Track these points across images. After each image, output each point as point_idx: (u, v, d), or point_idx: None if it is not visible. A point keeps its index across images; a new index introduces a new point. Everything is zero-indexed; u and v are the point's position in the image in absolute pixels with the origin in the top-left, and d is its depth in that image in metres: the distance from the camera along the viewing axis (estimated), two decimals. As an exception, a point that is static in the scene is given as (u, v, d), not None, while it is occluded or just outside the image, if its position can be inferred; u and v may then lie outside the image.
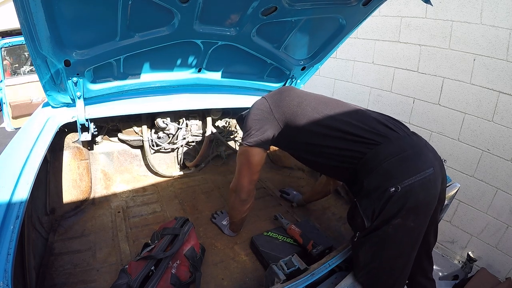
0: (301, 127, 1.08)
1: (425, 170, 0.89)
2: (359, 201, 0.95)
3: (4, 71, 3.87)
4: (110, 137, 1.84)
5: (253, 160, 1.15)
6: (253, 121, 1.14)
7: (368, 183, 0.92)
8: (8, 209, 0.84)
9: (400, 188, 0.86)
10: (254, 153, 1.14)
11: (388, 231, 0.88)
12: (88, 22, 1.10)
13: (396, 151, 0.92)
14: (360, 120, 1.02)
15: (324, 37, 1.55)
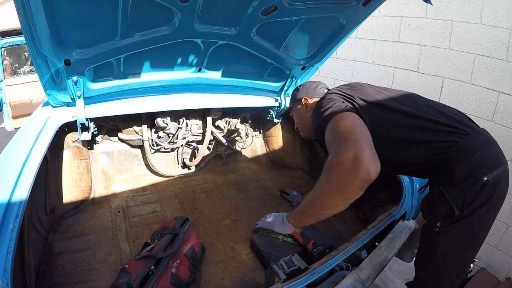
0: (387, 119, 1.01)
1: (505, 164, 0.96)
2: (447, 189, 0.94)
3: (4, 71, 3.87)
4: (110, 136, 1.84)
5: (355, 120, 0.95)
6: (331, 100, 1.03)
7: (460, 172, 0.92)
8: (8, 208, 0.84)
9: (492, 177, 0.90)
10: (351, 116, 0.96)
11: (474, 220, 0.92)
12: (88, 21, 1.10)
13: (484, 142, 0.95)
14: (446, 109, 1.03)
15: (324, 37, 1.55)
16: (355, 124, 0.91)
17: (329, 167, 0.86)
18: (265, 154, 2.31)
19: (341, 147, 0.84)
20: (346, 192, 0.84)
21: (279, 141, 2.24)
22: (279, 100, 1.97)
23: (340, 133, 0.89)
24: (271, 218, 1.18)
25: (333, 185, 0.85)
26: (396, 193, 1.39)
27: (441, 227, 0.96)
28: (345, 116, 0.94)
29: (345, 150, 0.82)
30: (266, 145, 2.33)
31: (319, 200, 0.92)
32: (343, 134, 0.87)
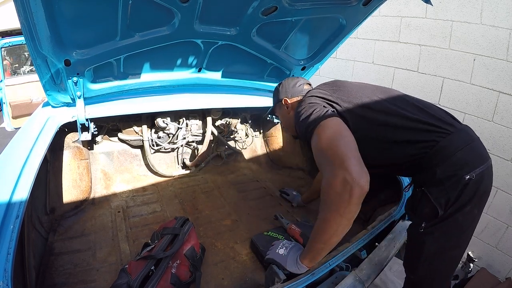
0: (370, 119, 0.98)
1: (488, 160, 0.95)
2: (429, 189, 0.93)
3: (4, 71, 3.87)
4: (110, 137, 1.84)
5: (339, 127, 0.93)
6: (312, 105, 1.00)
7: (442, 172, 0.91)
8: (8, 208, 0.84)
9: (474, 175, 0.89)
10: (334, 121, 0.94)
11: (459, 219, 0.91)
12: (88, 22, 1.10)
13: (466, 140, 0.94)
14: (428, 107, 1.01)
15: (324, 37, 1.55)
16: (338, 133, 0.90)
17: (324, 193, 0.86)
18: (265, 154, 2.31)
19: (329, 170, 0.84)
20: (346, 213, 0.83)
21: (279, 141, 2.24)
22: (279, 100, 1.97)
23: (325, 150, 0.87)
24: (282, 250, 1.03)
25: (332, 211, 0.83)
26: (396, 193, 1.39)
27: (426, 227, 0.95)
28: (327, 125, 0.92)
29: (333, 174, 0.82)
30: (266, 145, 2.33)
31: (325, 230, 0.88)
32: (328, 151, 0.86)
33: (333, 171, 0.82)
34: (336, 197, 0.81)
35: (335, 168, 0.82)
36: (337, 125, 0.93)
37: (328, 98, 1.03)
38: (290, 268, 0.96)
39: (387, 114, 0.98)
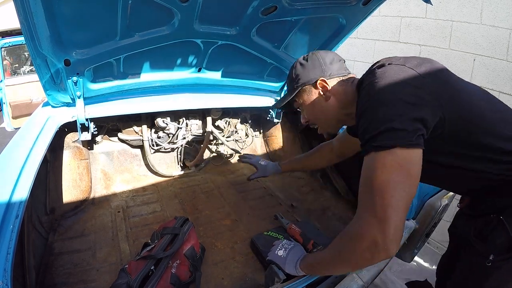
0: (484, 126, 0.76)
1: None
2: (508, 219, 0.78)
3: (4, 71, 3.88)
4: (110, 136, 1.84)
5: (411, 168, 0.66)
6: (405, 105, 0.67)
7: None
8: (7, 208, 0.84)
9: None
10: (415, 158, 0.66)
11: None
12: (88, 22, 1.10)
13: None
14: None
15: (324, 37, 1.55)
16: (404, 179, 0.65)
17: (350, 237, 0.73)
18: (265, 154, 2.31)
19: (366, 215, 0.67)
20: (362, 266, 0.77)
21: (279, 141, 2.24)
22: (279, 100, 1.97)
23: (375, 190, 0.65)
24: (281, 251, 0.97)
25: (351, 259, 0.73)
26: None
27: (494, 261, 0.80)
28: (399, 158, 0.65)
29: (368, 226, 0.66)
30: (266, 145, 2.33)
31: (335, 266, 0.81)
32: (378, 193, 0.65)
33: (368, 222, 0.66)
34: (360, 251, 0.69)
35: (373, 221, 0.65)
36: (411, 167, 0.66)
37: (424, 97, 0.69)
38: (289, 271, 0.93)
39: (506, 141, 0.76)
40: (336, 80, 0.92)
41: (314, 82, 0.92)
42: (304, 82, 0.94)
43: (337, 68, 0.93)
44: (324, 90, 0.92)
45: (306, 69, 0.93)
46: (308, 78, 0.93)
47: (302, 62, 0.95)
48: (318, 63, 0.92)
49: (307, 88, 0.94)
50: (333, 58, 0.94)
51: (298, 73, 0.95)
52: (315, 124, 1.01)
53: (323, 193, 1.85)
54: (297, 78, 0.95)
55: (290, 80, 0.99)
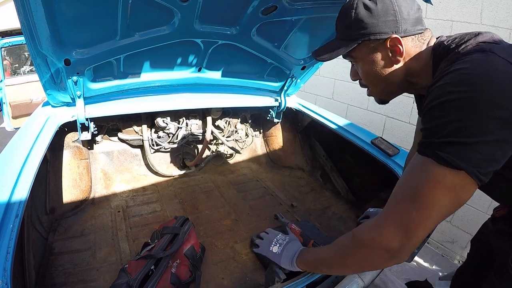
0: None
1: None
2: None
3: (4, 71, 3.87)
4: (110, 136, 1.84)
5: (464, 198, 0.58)
6: (497, 121, 0.52)
7: None
8: (7, 208, 0.84)
9: None
10: (472, 191, 0.57)
11: None
12: (88, 21, 1.10)
13: None
14: None
15: (324, 37, 1.55)
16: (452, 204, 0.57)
17: (361, 241, 0.66)
18: (265, 154, 2.31)
19: (395, 226, 0.60)
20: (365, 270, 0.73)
21: (279, 141, 2.24)
22: (279, 100, 1.97)
23: (419, 205, 0.57)
24: (276, 247, 0.91)
25: (357, 263, 0.68)
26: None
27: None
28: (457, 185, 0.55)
29: (393, 236, 0.60)
30: (266, 145, 2.33)
31: (336, 267, 0.76)
32: (421, 210, 0.57)
33: (392, 232, 0.60)
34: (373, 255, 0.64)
35: (398, 233, 0.59)
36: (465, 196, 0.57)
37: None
38: (284, 266, 0.90)
39: None
40: (410, 39, 0.71)
41: (384, 38, 0.70)
42: (369, 33, 0.70)
43: (414, 21, 0.70)
44: (395, 51, 0.70)
45: (375, 16, 0.69)
46: (377, 30, 0.69)
47: (368, 2, 0.70)
48: (392, 11, 0.68)
49: (373, 43, 0.71)
50: (410, 2, 0.70)
51: (361, 18, 0.70)
52: (367, 86, 0.82)
53: (323, 193, 1.85)
54: (360, 25, 0.71)
55: (348, 24, 0.73)
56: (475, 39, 0.65)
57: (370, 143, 1.49)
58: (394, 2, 0.69)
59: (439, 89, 0.58)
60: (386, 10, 0.68)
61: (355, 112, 2.88)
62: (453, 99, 0.55)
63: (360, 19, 0.70)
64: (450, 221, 2.26)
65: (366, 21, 0.70)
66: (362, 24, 0.70)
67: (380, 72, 0.75)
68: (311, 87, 3.26)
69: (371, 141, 1.49)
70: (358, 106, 2.86)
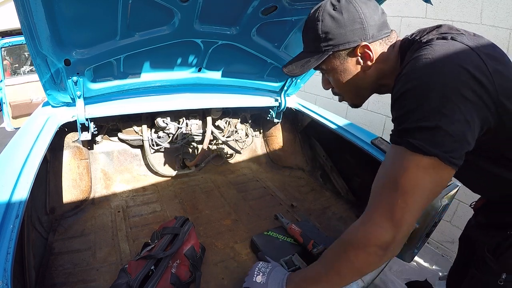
0: None
1: None
2: None
3: (4, 71, 3.88)
4: (110, 136, 1.84)
5: (443, 183, 0.59)
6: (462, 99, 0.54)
7: None
8: (7, 208, 0.84)
9: None
10: (448, 174, 0.58)
11: None
12: (88, 21, 1.10)
13: None
14: None
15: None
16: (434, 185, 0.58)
17: (351, 243, 0.63)
18: (265, 154, 2.31)
19: (383, 218, 0.59)
20: (366, 272, 0.66)
21: (279, 141, 2.24)
22: (279, 100, 1.97)
23: (402, 191, 0.57)
24: (260, 277, 0.83)
25: (353, 268, 0.64)
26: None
27: (508, 281, 0.74)
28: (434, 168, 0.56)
29: (383, 229, 0.58)
30: (266, 145, 2.33)
31: (331, 280, 0.69)
32: (405, 196, 0.57)
33: (381, 225, 0.59)
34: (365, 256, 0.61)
35: (387, 225, 0.58)
36: (444, 179, 0.58)
37: (484, 94, 0.56)
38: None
39: None
40: (378, 43, 0.72)
41: (353, 47, 0.70)
42: (338, 44, 0.70)
43: (380, 25, 0.71)
44: (365, 58, 0.71)
45: (342, 26, 0.69)
46: (346, 40, 0.69)
47: (333, 13, 0.69)
48: (359, 19, 0.68)
49: (342, 53, 0.72)
50: (374, 8, 0.71)
51: (328, 29, 0.70)
52: (340, 94, 0.83)
53: (323, 193, 1.85)
54: (327, 36, 0.70)
55: (315, 37, 0.72)
56: (437, 30, 0.67)
57: (370, 143, 1.49)
58: (359, 9, 0.69)
59: (403, 78, 0.60)
60: (352, 18, 0.69)
61: (355, 112, 2.88)
62: (418, 85, 0.56)
63: (327, 31, 0.70)
64: (450, 221, 2.26)
65: (333, 32, 0.70)
66: (330, 35, 0.70)
67: (352, 79, 0.76)
68: (311, 87, 3.26)
69: (371, 141, 1.49)
70: (358, 106, 2.86)
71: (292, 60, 0.81)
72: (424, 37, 0.66)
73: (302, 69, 0.77)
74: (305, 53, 0.78)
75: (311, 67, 0.75)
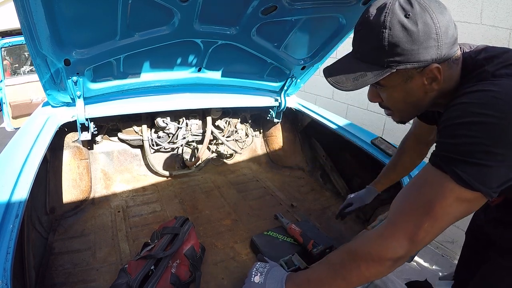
0: None
1: None
2: None
3: (4, 71, 3.87)
4: (110, 136, 1.84)
5: (475, 209, 0.60)
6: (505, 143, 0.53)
7: None
8: (7, 208, 0.84)
9: None
10: (480, 204, 0.59)
11: None
12: (88, 21, 1.10)
13: None
14: None
15: (324, 37, 1.55)
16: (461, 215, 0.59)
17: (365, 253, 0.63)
18: (265, 154, 2.31)
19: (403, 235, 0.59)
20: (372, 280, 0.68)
21: (279, 141, 2.24)
22: (279, 100, 1.97)
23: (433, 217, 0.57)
24: (258, 277, 0.83)
25: (362, 277, 0.64)
26: (396, 193, 1.39)
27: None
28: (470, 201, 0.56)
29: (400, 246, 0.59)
30: (266, 145, 2.33)
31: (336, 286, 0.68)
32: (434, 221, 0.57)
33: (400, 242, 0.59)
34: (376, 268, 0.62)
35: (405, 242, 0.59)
36: (473, 209, 0.60)
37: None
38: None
39: None
40: (447, 63, 0.63)
41: (423, 66, 0.60)
42: (407, 62, 0.60)
43: (452, 42, 0.61)
44: (432, 80, 0.63)
45: (415, 40, 0.58)
46: (416, 58, 0.59)
47: (405, 22, 0.57)
48: (435, 35, 0.58)
49: (407, 72, 0.62)
50: (449, 20, 0.62)
51: (397, 42, 0.58)
52: (389, 108, 0.74)
53: (323, 193, 1.85)
54: (395, 50, 0.59)
55: (378, 46, 0.60)
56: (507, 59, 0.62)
57: (370, 143, 1.49)
58: (436, 22, 0.58)
59: (465, 106, 0.57)
60: (428, 33, 0.58)
61: (355, 112, 2.88)
62: (480, 122, 0.54)
63: (396, 44, 0.58)
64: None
65: (404, 46, 0.58)
66: (399, 49, 0.59)
67: (411, 100, 0.68)
68: (311, 87, 3.26)
69: (371, 141, 1.49)
70: (358, 106, 2.86)
71: (339, 67, 0.69)
72: (492, 66, 0.61)
73: (356, 84, 0.64)
74: (358, 62, 0.65)
75: (368, 83, 0.64)
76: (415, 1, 0.59)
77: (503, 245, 0.84)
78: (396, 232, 0.60)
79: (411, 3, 0.59)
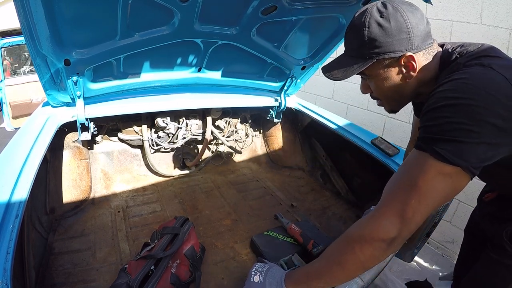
0: None
1: None
2: None
3: (4, 71, 3.87)
4: (110, 136, 1.84)
5: (459, 187, 0.63)
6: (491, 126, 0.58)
7: None
8: (7, 208, 0.84)
9: None
10: (464, 182, 0.62)
11: None
12: (88, 21, 1.10)
13: None
14: None
15: (324, 37, 1.55)
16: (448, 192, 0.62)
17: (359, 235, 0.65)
18: (265, 154, 2.31)
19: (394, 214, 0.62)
20: (368, 267, 0.67)
21: (279, 141, 2.24)
22: (279, 100, 1.97)
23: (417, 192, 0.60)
24: (257, 276, 0.84)
25: (357, 261, 0.65)
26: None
27: None
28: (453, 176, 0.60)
29: (392, 224, 0.61)
30: (266, 145, 2.33)
31: (334, 274, 0.69)
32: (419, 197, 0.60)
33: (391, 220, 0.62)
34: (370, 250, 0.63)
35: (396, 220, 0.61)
36: (459, 187, 0.62)
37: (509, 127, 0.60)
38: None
39: None
40: (422, 53, 0.73)
41: (397, 57, 0.72)
42: (384, 52, 0.71)
43: (424, 35, 0.72)
44: (408, 67, 0.73)
45: (389, 34, 0.70)
46: (391, 49, 0.70)
47: (381, 21, 0.70)
48: (406, 29, 0.69)
49: (386, 61, 0.73)
50: (420, 18, 0.71)
51: (374, 37, 0.71)
52: (378, 98, 0.86)
53: (323, 193, 1.85)
54: (373, 44, 0.71)
55: (360, 42, 0.74)
56: (477, 52, 0.70)
57: (370, 143, 1.49)
58: (406, 19, 0.69)
59: (440, 94, 0.64)
60: (399, 28, 0.69)
61: (355, 112, 2.88)
62: (452, 104, 0.61)
63: (374, 38, 0.71)
64: (450, 221, 2.26)
65: (380, 40, 0.71)
66: (376, 43, 0.71)
67: (393, 87, 0.78)
68: (311, 87, 3.26)
69: (371, 141, 1.49)
70: (358, 106, 2.86)
71: (333, 64, 0.82)
72: (464, 58, 0.69)
73: (345, 74, 0.78)
74: (347, 58, 0.79)
75: (354, 73, 0.76)
76: (389, 4, 0.71)
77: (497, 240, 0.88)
78: (386, 211, 0.63)
79: (385, 5, 0.72)
